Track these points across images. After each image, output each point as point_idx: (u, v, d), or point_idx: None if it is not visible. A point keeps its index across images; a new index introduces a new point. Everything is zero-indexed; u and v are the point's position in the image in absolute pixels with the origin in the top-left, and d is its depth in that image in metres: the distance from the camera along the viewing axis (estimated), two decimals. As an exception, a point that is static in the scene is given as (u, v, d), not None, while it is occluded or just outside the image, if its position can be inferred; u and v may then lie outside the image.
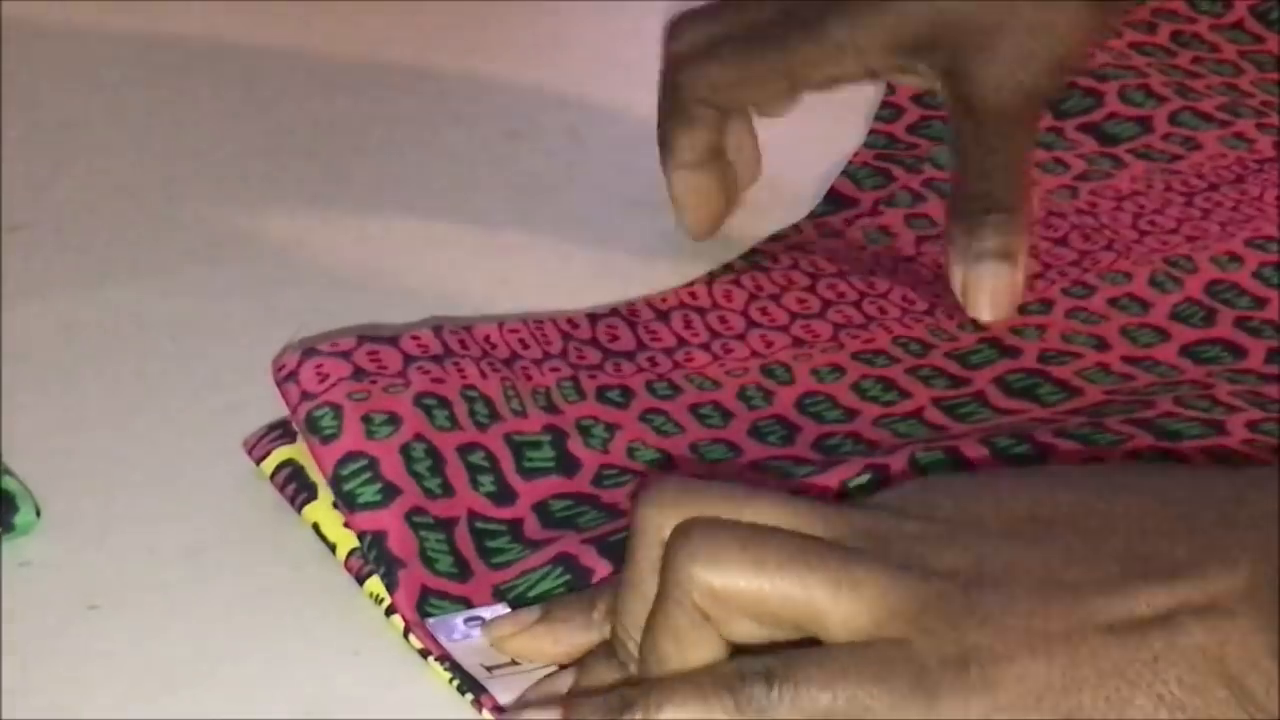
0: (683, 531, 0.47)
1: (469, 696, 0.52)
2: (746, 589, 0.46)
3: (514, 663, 0.53)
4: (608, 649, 0.50)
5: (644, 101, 0.77)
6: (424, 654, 0.54)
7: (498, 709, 0.52)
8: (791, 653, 0.46)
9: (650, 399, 0.64)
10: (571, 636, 0.53)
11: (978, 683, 0.44)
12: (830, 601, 0.46)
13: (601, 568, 0.56)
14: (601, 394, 0.64)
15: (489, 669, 0.53)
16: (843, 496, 0.57)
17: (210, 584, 0.57)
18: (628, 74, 0.89)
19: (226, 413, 0.65)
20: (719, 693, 0.46)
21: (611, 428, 0.62)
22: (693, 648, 0.47)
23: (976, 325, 0.69)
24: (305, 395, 0.60)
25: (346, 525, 0.57)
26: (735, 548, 0.46)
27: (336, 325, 0.70)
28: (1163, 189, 0.77)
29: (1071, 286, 0.71)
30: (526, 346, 0.65)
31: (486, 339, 0.64)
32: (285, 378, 0.61)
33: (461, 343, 0.63)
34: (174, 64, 0.91)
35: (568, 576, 0.56)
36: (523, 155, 0.84)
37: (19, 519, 0.59)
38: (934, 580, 0.46)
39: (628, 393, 0.64)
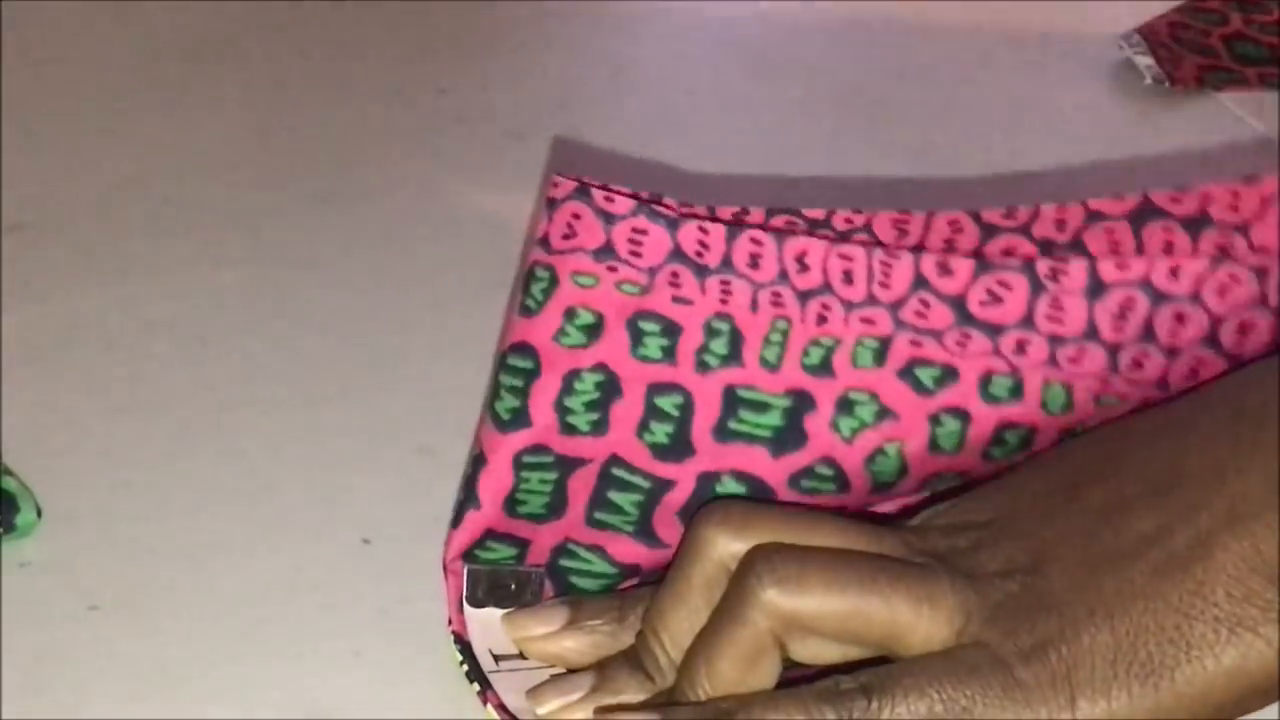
0: (762, 557, 0.48)
1: (475, 687, 0.52)
2: (832, 611, 0.48)
3: (521, 655, 0.53)
4: (631, 656, 0.51)
5: (644, 101, 0.77)
6: (450, 625, 0.54)
7: (502, 708, 0.52)
8: (883, 667, 0.48)
9: (979, 400, 0.53)
10: (598, 646, 0.53)
11: (1059, 667, 0.46)
12: (913, 617, 0.48)
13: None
14: (911, 369, 0.53)
15: (497, 658, 0.53)
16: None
17: (210, 584, 0.57)
18: (628, 74, 0.89)
19: (226, 412, 0.65)
20: (821, 706, 0.47)
21: (884, 413, 0.53)
22: (756, 668, 0.48)
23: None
24: (543, 240, 0.54)
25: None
26: (818, 572, 0.48)
27: (337, 324, 0.70)
28: None
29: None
30: (850, 282, 0.53)
31: (801, 257, 0.53)
32: (548, 202, 0.54)
33: (753, 257, 0.53)
34: (175, 64, 0.91)
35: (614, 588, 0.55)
36: (523, 155, 0.84)
37: (20, 519, 0.59)
38: (997, 582, 0.48)
39: (947, 374, 0.53)
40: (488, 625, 0.54)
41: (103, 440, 0.64)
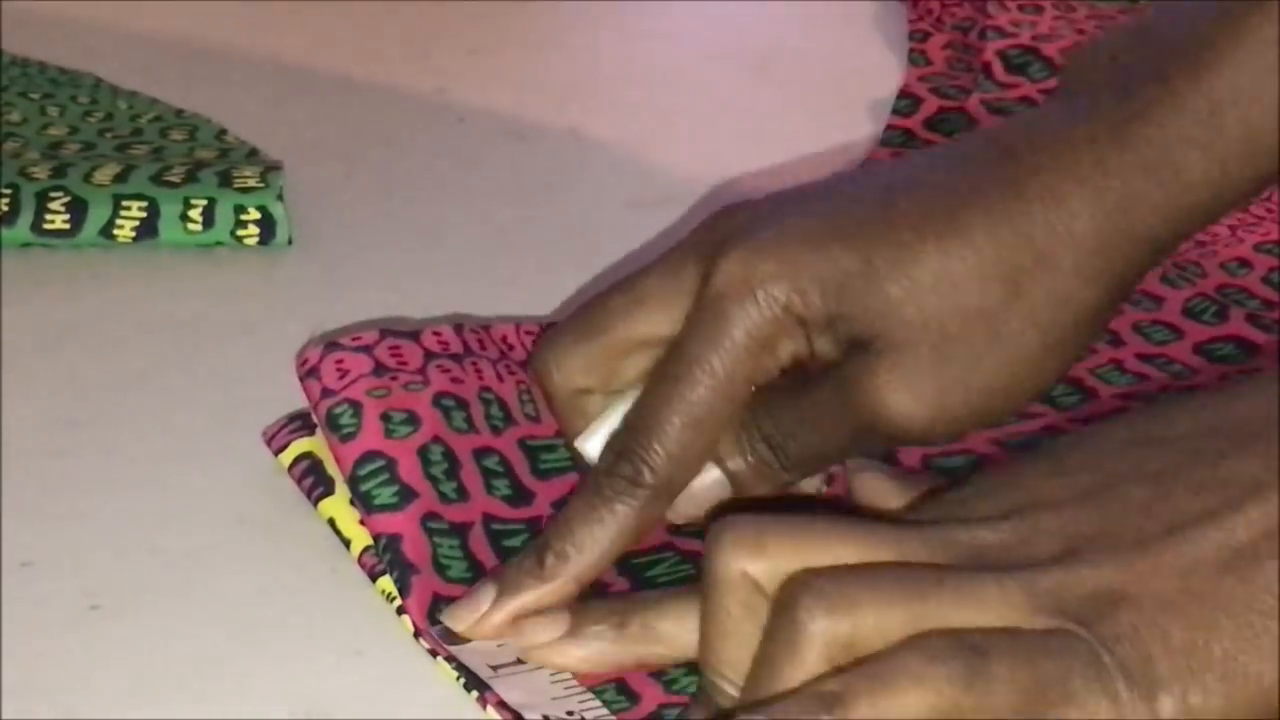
0: (807, 587, 0.46)
1: (474, 694, 0.52)
2: (889, 627, 0.46)
3: (519, 662, 0.53)
4: (704, 700, 0.49)
5: (644, 101, 0.77)
6: (433, 653, 0.54)
7: (502, 705, 0.52)
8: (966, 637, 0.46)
9: None
10: (603, 653, 0.53)
11: (1138, 659, 0.45)
12: (965, 618, 0.46)
13: (619, 585, 0.56)
14: None
15: (494, 668, 0.53)
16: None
17: (211, 584, 0.57)
18: (628, 74, 0.89)
19: (227, 412, 0.65)
20: (943, 659, 0.45)
21: None
22: None
23: None
24: (326, 392, 0.59)
25: (362, 524, 0.58)
26: (867, 591, 0.46)
27: (336, 325, 0.70)
28: None
29: None
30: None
31: (504, 339, 0.64)
32: (307, 373, 0.60)
33: (480, 342, 0.63)
34: (174, 64, 0.91)
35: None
36: (523, 155, 0.84)
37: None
38: (1046, 574, 0.47)
39: None
40: (478, 648, 0.54)
41: (103, 440, 0.64)
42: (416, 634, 0.55)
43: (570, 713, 0.52)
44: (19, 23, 0.93)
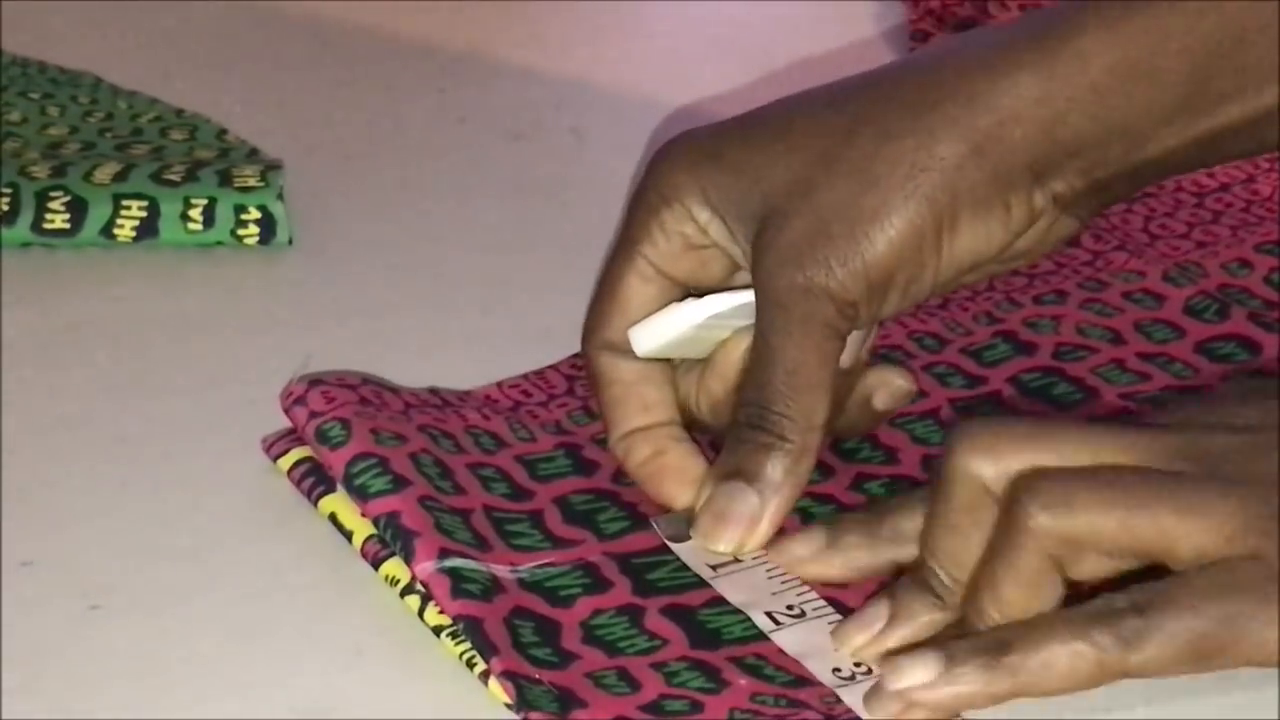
0: (1029, 486, 0.49)
1: (479, 667, 0.52)
2: (1103, 530, 0.48)
3: (736, 560, 0.56)
4: (918, 580, 0.52)
5: (644, 101, 0.77)
6: (437, 631, 0.54)
7: (505, 675, 0.52)
8: (1153, 584, 0.48)
9: None
10: (858, 561, 0.55)
11: None
12: (1180, 529, 0.48)
13: (622, 585, 0.57)
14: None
15: (714, 568, 0.56)
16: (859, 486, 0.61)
17: (211, 584, 0.57)
18: (628, 73, 0.89)
19: (227, 412, 0.65)
20: (1095, 628, 0.48)
21: None
22: (1040, 591, 0.50)
23: (991, 318, 0.69)
24: (314, 414, 0.60)
25: (361, 514, 0.58)
26: (1086, 493, 0.49)
27: (336, 325, 0.70)
28: (1173, 189, 0.77)
29: (1085, 281, 0.71)
30: (529, 395, 0.65)
31: (487, 398, 0.65)
32: (293, 403, 0.61)
33: (460, 399, 0.64)
34: (174, 64, 0.91)
35: (587, 580, 0.56)
36: (523, 155, 0.84)
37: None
38: (1271, 489, 0.48)
39: None
40: (697, 547, 0.56)
41: (103, 440, 0.64)
42: (422, 611, 0.55)
43: (790, 606, 0.55)
44: (19, 23, 0.93)
